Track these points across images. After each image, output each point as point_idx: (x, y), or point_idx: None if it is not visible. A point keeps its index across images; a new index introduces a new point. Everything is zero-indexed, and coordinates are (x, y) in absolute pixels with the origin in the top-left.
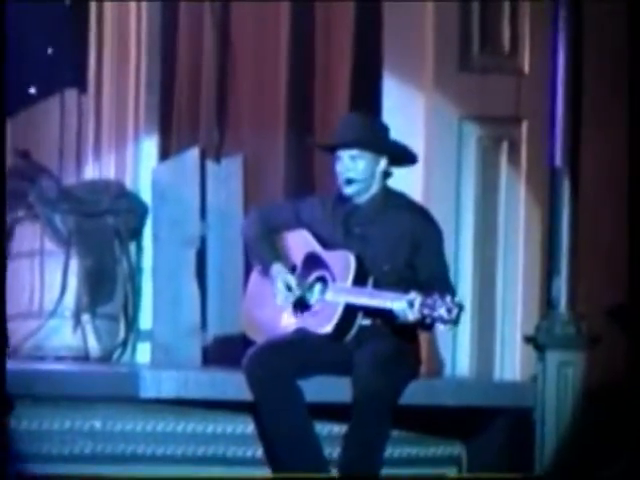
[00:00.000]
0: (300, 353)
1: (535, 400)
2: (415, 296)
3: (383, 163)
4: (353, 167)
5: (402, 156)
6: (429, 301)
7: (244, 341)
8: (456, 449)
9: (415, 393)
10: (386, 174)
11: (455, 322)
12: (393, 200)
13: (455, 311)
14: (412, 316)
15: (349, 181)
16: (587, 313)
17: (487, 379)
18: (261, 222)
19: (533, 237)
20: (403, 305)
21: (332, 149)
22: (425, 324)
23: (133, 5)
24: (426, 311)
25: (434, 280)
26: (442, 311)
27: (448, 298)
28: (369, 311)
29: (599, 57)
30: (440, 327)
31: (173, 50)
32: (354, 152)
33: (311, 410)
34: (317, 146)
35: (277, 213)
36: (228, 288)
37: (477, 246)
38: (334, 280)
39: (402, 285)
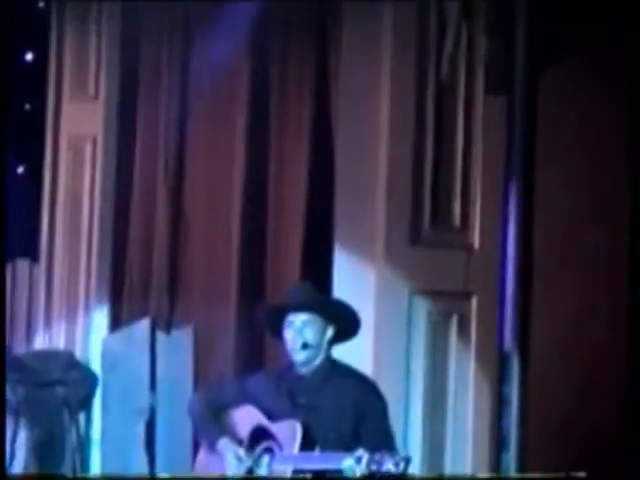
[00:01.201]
0: None
1: None
2: (362, 453)
3: (330, 332)
4: (306, 332)
5: (348, 322)
6: (377, 457)
7: None
8: None
9: None
10: (330, 343)
11: (403, 475)
12: (338, 370)
13: (402, 464)
14: (360, 472)
15: (304, 345)
16: None
17: None
18: (206, 401)
19: (483, 411)
20: (351, 462)
21: (284, 312)
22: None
23: (87, 174)
24: (374, 467)
25: (380, 448)
26: (390, 465)
27: (395, 454)
28: (319, 473)
29: (549, 232)
30: None
31: (125, 218)
32: (305, 317)
33: None
34: (268, 309)
35: (221, 391)
36: (176, 460)
37: (426, 418)
38: (281, 449)
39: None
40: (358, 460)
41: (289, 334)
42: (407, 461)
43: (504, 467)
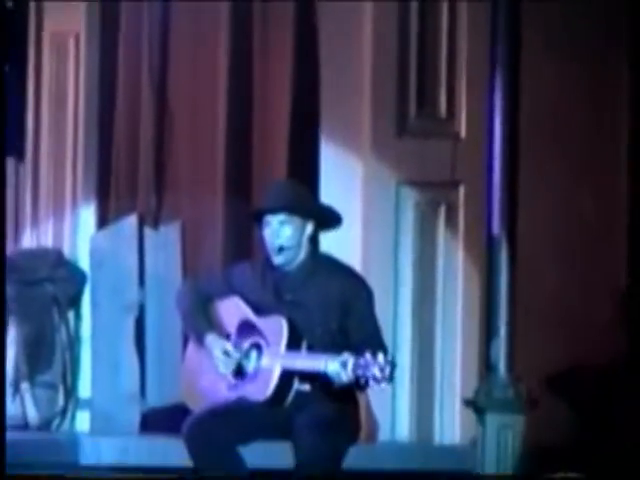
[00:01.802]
0: (239, 420)
1: (475, 463)
2: (347, 357)
3: (310, 228)
4: (282, 233)
5: (328, 218)
6: (361, 361)
7: (183, 408)
8: None
9: (355, 458)
10: (313, 238)
11: (389, 380)
12: (322, 264)
13: (388, 369)
14: (346, 377)
15: (280, 249)
16: (526, 376)
17: (427, 443)
18: (193, 293)
19: (471, 300)
20: (336, 366)
21: (260, 215)
22: (360, 385)
23: (71, 72)
24: (359, 371)
25: (367, 341)
26: (375, 370)
27: (380, 357)
28: (305, 376)
29: (536, 120)
30: (375, 387)
31: (110, 115)
32: (282, 217)
33: (252, 476)
34: (250, 211)
35: (208, 283)
36: (167, 355)
37: (415, 310)
38: (268, 345)
39: (336, 348)
40: (343, 365)
41: (267, 235)
42: (392, 366)
43: (493, 355)
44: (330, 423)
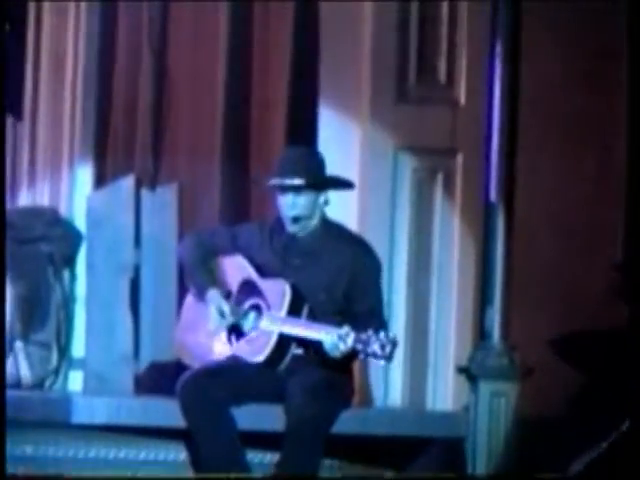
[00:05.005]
0: (233, 380)
1: (467, 430)
2: (348, 331)
3: (323, 197)
4: (298, 203)
5: (341, 188)
6: (363, 337)
7: (176, 370)
8: (388, 478)
9: (347, 422)
10: (325, 203)
11: (388, 358)
12: (333, 232)
13: (389, 347)
14: (344, 348)
15: (295, 220)
16: (520, 343)
17: (419, 409)
18: (198, 246)
19: (467, 268)
20: (334, 339)
21: (277, 182)
22: (356, 356)
23: (70, 32)
24: (359, 346)
25: (370, 313)
26: (376, 347)
27: (382, 334)
28: (302, 341)
29: (535, 88)
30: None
31: (110, 76)
32: (298, 189)
33: (243, 438)
34: (254, 182)
35: (214, 238)
36: (161, 317)
37: (411, 277)
38: (269, 309)
39: (337, 316)
40: (343, 337)
41: (282, 204)
42: (394, 344)
43: (488, 323)
44: (323, 386)
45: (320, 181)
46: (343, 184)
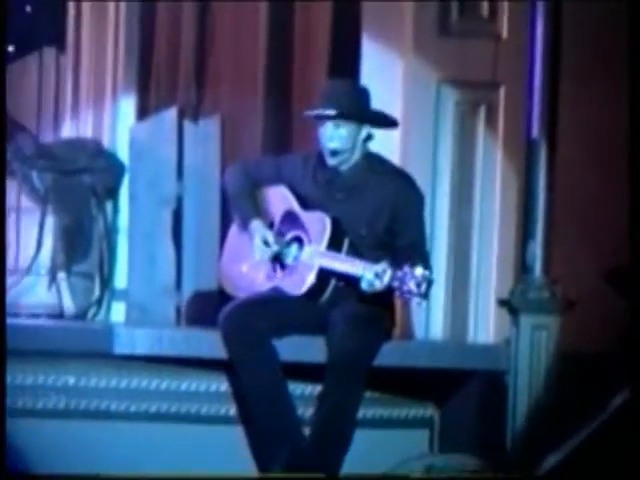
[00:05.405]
0: (275, 312)
1: (508, 363)
2: (385, 268)
3: (365, 131)
4: (337, 135)
5: (383, 122)
6: (399, 274)
7: (218, 301)
8: (428, 411)
9: (389, 354)
10: (367, 138)
11: (424, 296)
12: (376, 166)
13: (424, 286)
14: (379, 285)
15: (334, 153)
16: (562, 277)
17: (461, 341)
18: (244, 175)
19: (509, 201)
20: (370, 276)
21: (316, 117)
22: (393, 291)
23: None
24: (395, 283)
25: (411, 247)
26: (411, 284)
27: (419, 270)
28: (342, 274)
29: (579, 22)
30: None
31: (153, 9)
32: (337, 120)
33: (285, 370)
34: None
35: (259, 167)
36: (204, 248)
37: (453, 210)
38: (310, 241)
39: (378, 250)
40: (380, 275)
41: (321, 136)
42: (429, 282)
43: (530, 256)
44: (364, 318)
45: (358, 113)
46: (385, 120)
